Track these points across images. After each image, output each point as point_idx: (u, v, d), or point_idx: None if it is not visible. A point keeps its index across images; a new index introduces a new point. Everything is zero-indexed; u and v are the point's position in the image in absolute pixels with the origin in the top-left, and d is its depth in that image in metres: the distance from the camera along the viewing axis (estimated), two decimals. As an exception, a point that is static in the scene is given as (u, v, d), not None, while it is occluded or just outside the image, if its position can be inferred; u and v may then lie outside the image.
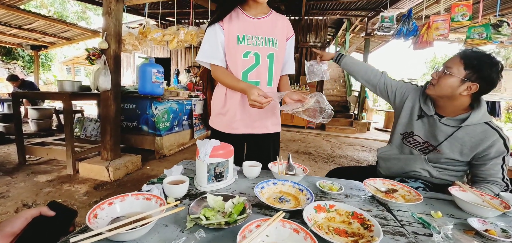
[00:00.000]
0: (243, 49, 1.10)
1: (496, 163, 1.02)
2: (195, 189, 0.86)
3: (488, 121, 1.03)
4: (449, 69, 1.01)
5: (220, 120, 1.20)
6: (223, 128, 1.19)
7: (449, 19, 2.18)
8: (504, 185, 1.03)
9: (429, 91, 1.09)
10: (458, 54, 1.02)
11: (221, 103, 1.18)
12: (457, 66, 1.00)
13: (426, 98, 1.15)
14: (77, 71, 15.40)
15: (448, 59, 1.07)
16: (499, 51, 11.90)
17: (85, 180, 2.57)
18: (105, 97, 2.66)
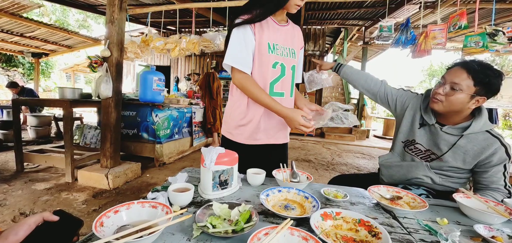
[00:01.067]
0: (273, 59, 1.05)
1: (498, 170, 1.03)
2: (200, 196, 0.85)
3: (489, 129, 1.04)
4: (458, 86, 0.99)
5: (241, 132, 1.11)
6: (245, 140, 1.12)
7: (446, 29, 2.23)
8: (507, 193, 1.03)
9: (437, 107, 1.06)
10: (464, 69, 1.00)
11: (242, 114, 1.10)
12: (465, 82, 0.98)
13: (426, 107, 1.16)
14: (77, 79, 15.44)
15: (451, 73, 1.03)
16: (494, 59, 12.09)
17: (84, 188, 2.54)
18: (106, 104, 2.67)
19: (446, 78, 1.04)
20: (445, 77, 1.05)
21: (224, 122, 1.19)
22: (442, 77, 1.07)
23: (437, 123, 1.11)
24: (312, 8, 5.82)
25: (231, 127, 1.14)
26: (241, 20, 0.99)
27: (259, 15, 0.99)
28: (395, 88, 1.32)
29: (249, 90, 1.01)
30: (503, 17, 4.37)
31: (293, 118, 0.97)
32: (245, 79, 1.02)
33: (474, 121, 1.04)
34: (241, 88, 1.05)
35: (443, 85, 1.04)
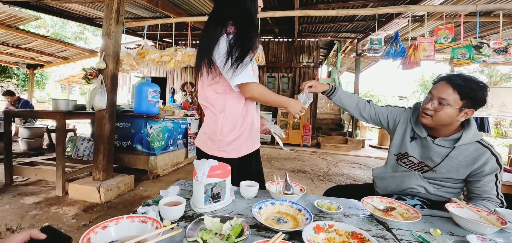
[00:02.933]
0: (255, 70, 1.14)
1: (490, 180, 1.04)
2: (192, 210, 0.84)
3: (479, 140, 1.06)
4: (445, 101, 1.02)
5: (235, 146, 1.11)
6: (236, 154, 1.12)
7: (434, 41, 2.31)
8: (499, 202, 1.05)
9: (426, 121, 1.08)
10: (448, 84, 1.03)
11: (237, 127, 1.10)
12: (452, 97, 1.01)
13: (416, 120, 1.18)
14: (72, 90, 15.33)
15: (437, 88, 1.06)
16: (483, 69, 12.44)
17: (75, 202, 2.48)
18: (100, 116, 2.64)
19: (433, 93, 1.07)
20: (432, 93, 1.07)
21: (212, 141, 1.11)
22: (430, 92, 1.10)
23: (428, 135, 1.13)
24: (305, 21, 5.96)
25: (223, 144, 1.09)
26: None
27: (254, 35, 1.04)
28: (383, 106, 1.34)
29: (267, 94, 1.08)
30: (488, 30, 4.55)
31: (295, 103, 1.11)
32: (258, 86, 1.06)
33: (464, 132, 1.06)
34: (261, 97, 1.08)
35: (431, 100, 1.06)
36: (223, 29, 1.00)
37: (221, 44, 0.99)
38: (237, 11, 1.04)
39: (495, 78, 12.58)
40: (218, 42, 0.99)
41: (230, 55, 0.98)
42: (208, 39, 1.03)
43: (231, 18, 1.03)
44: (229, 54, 0.98)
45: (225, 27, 1.01)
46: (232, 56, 0.98)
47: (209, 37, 1.03)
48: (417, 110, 1.18)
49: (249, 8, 1.05)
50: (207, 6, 4.65)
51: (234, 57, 0.98)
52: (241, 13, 1.03)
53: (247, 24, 1.03)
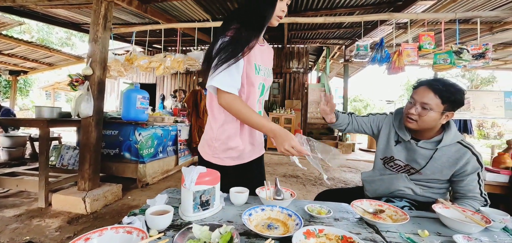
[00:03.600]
0: (259, 80, 1.04)
1: (472, 179, 1.08)
2: (180, 219, 0.82)
3: (460, 140, 1.11)
4: (428, 105, 1.06)
5: (230, 154, 1.06)
6: (233, 162, 1.08)
7: (417, 47, 2.42)
8: (483, 200, 1.08)
9: (412, 125, 1.12)
10: (430, 89, 1.07)
11: (231, 139, 1.04)
12: (434, 101, 1.06)
13: (399, 124, 1.22)
14: (57, 97, 14.87)
15: (419, 93, 1.10)
16: (464, 74, 12.99)
17: (58, 213, 2.38)
18: (86, 123, 2.57)
19: (416, 98, 1.11)
20: (414, 98, 1.12)
21: (208, 146, 1.07)
22: (412, 98, 1.14)
23: (412, 138, 1.17)
24: (294, 28, 6.05)
25: (218, 151, 1.05)
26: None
27: (254, 34, 0.96)
28: (364, 116, 1.39)
29: (238, 111, 0.93)
30: (467, 37, 4.78)
31: (286, 138, 0.88)
32: (234, 101, 0.93)
33: (445, 134, 1.11)
34: (229, 110, 0.95)
35: (414, 105, 1.10)
36: (226, 31, 0.95)
37: (216, 46, 0.94)
38: (247, 13, 0.96)
39: (475, 82, 13.15)
40: (216, 43, 0.95)
41: (217, 55, 0.91)
42: (213, 42, 0.98)
43: (238, 20, 0.97)
44: (216, 55, 0.92)
45: (228, 29, 0.95)
46: (219, 56, 0.91)
47: (214, 40, 0.98)
48: (400, 115, 1.23)
49: (262, 11, 0.95)
50: (197, 12, 4.64)
51: (220, 58, 0.91)
52: (250, 15, 0.95)
53: (249, 27, 0.95)
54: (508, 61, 6.23)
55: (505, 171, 2.02)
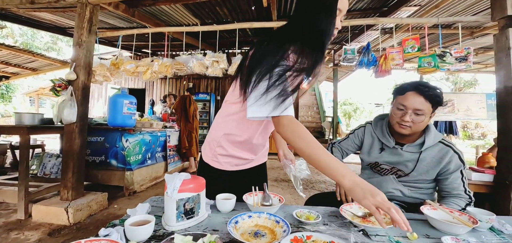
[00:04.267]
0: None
1: (456, 177, 1.11)
2: (163, 229, 0.78)
3: (441, 140, 1.15)
4: (421, 111, 1.08)
5: (228, 161, 1.03)
6: (229, 167, 1.04)
7: (402, 51, 2.49)
8: (468, 198, 1.11)
9: (406, 131, 1.13)
10: (419, 94, 1.08)
11: (237, 149, 1.00)
12: (426, 106, 1.08)
13: (382, 131, 1.24)
14: (42, 103, 14.36)
15: (409, 100, 1.10)
16: (448, 77, 13.46)
17: (39, 225, 2.26)
18: (70, 130, 2.47)
19: (407, 105, 1.10)
20: (405, 105, 1.11)
21: (210, 148, 1.03)
22: (401, 105, 1.13)
23: (396, 144, 1.20)
24: (285, 32, 6.11)
25: (219, 156, 1.01)
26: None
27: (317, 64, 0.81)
28: (345, 139, 1.44)
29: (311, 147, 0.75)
30: (450, 41, 4.98)
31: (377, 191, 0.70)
32: (299, 127, 0.77)
33: (426, 135, 1.14)
34: (294, 140, 0.76)
35: (406, 112, 1.10)
36: (281, 52, 0.80)
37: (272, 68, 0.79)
38: (305, 33, 0.81)
39: (459, 85, 13.65)
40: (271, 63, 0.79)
41: (275, 80, 0.77)
42: (259, 56, 0.82)
43: (294, 42, 0.82)
44: (274, 79, 0.77)
45: (284, 51, 0.81)
46: (279, 83, 0.77)
47: (261, 54, 0.82)
48: (380, 122, 1.27)
49: (323, 30, 0.81)
50: (186, 17, 4.60)
51: (280, 85, 0.77)
52: (309, 36, 0.81)
53: (311, 51, 0.80)
54: (488, 65, 6.49)
55: (489, 170, 2.07)
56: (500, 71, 1.93)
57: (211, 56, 2.89)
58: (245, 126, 0.96)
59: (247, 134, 0.98)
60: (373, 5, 4.04)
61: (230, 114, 0.97)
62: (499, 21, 1.97)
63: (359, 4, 4.00)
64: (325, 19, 0.80)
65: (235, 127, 0.97)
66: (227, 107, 0.99)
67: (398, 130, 1.15)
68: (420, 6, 3.81)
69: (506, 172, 1.86)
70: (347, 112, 18.98)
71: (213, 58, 2.88)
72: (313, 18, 0.81)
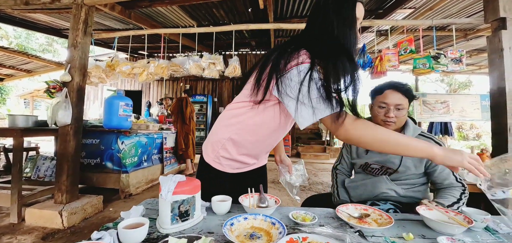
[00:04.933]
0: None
1: (443, 167, 1.14)
2: (157, 232, 0.76)
3: (420, 133, 1.20)
4: (401, 106, 1.17)
5: (229, 164, 1.00)
6: (230, 170, 1.02)
7: (397, 53, 2.53)
8: (460, 185, 1.13)
9: (392, 127, 1.19)
10: (398, 91, 1.18)
11: (241, 153, 0.98)
12: (404, 101, 1.18)
13: None
14: (37, 105, 14.20)
15: (389, 97, 1.18)
16: (443, 78, 13.61)
17: (32, 229, 2.22)
18: (64, 132, 2.44)
19: (388, 102, 1.18)
20: (387, 102, 1.19)
21: (212, 149, 0.99)
22: (383, 102, 1.20)
23: None
24: (281, 35, 6.13)
25: (221, 158, 0.99)
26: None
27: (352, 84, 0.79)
28: (340, 159, 1.49)
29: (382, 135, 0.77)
30: (444, 43, 5.04)
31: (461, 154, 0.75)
32: (362, 123, 0.78)
33: (406, 130, 1.20)
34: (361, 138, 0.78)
35: (389, 109, 1.18)
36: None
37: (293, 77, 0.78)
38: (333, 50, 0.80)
39: (454, 86, 13.80)
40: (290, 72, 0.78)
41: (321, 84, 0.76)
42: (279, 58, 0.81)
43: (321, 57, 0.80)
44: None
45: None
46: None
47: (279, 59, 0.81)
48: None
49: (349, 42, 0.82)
50: (182, 18, 4.60)
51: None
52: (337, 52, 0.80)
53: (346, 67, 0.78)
54: (482, 66, 6.58)
55: (484, 171, 2.09)
56: (493, 73, 1.96)
57: (208, 58, 2.88)
58: (253, 130, 0.93)
59: (255, 138, 0.95)
60: (368, 7, 4.08)
61: (239, 116, 0.94)
62: (491, 23, 2.00)
63: (355, 6, 4.04)
64: (349, 31, 0.81)
65: (243, 130, 0.94)
66: (236, 110, 0.96)
67: (385, 127, 1.19)
68: (415, 9, 3.85)
69: (500, 172, 1.88)
70: (344, 113, 19.04)
71: (209, 59, 2.87)
72: (338, 32, 0.81)
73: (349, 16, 0.82)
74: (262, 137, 0.96)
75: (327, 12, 0.83)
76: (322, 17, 0.84)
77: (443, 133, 5.09)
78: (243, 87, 0.96)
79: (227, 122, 0.97)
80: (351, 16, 0.82)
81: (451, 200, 1.10)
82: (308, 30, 0.89)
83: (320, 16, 0.85)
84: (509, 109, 1.85)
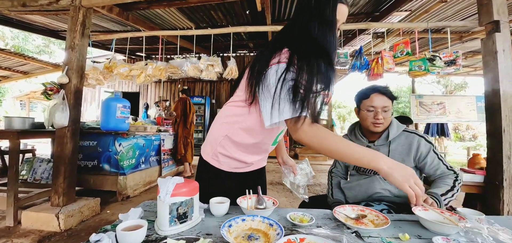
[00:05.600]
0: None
1: (432, 157, 1.18)
2: (156, 234, 0.77)
3: (404, 129, 1.26)
4: (387, 107, 1.25)
5: (226, 161, 1.01)
6: (227, 168, 1.03)
7: (392, 55, 2.57)
8: (452, 173, 1.17)
9: (379, 129, 1.27)
10: (382, 94, 1.25)
11: (239, 153, 1.00)
12: (389, 103, 1.26)
13: (356, 135, 1.37)
14: (33, 107, 14.11)
15: (376, 100, 1.26)
16: (439, 80, 13.75)
17: (28, 232, 2.20)
18: (61, 134, 2.43)
19: (376, 105, 1.26)
20: (374, 105, 1.26)
21: (211, 147, 1.01)
22: (371, 106, 1.27)
23: (369, 142, 1.32)
24: (280, 36, 6.16)
25: (219, 155, 1.00)
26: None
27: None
28: (334, 163, 1.54)
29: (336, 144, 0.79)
30: (439, 45, 5.10)
31: (407, 173, 0.76)
32: (321, 130, 0.80)
33: (390, 129, 1.26)
34: (312, 142, 0.80)
35: (377, 112, 1.25)
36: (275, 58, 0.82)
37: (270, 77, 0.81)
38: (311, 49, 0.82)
39: (450, 88, 13.94)
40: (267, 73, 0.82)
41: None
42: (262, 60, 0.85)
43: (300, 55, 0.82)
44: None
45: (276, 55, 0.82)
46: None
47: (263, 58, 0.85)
48: (354, 128, 1.41)
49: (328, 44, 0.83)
50: (181, 21, 4.61)
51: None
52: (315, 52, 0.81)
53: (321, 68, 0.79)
54: (477, 68, 6.66)
55: (480, 171, 2.11)
56: (488, 74, 1.99)
57: (206, 60, 2.89)
58: (248, 128, 0.95)
59: (250, 136, 0.97)
60: (365, 10, 4.12)
61: (234, 115, 0.96)
62: (486, 26, 2.03)
63: (351, 9, 4.08)
64: (328, 33, 0.82)
65: (238, 129, 0.96)
66: (231, 108, 0.98)
67: (374, 130, 1.28)
68: (411, 11, 3.90)
69: (496, 173, 1.90)
70: (341, 114, 19.17)
71: (208, 61, 2.88)
72: (317, 32, 0.82)
73: (329, 17, 0.83)
74: (257, 135, 0.97)
75: (308, 12, 0.84)
76: (302, 17, 0.85)
77: (440, 134, 5.14)
78: (237, 87, 0.98)
79: (224, 120, 0.99)
80: (331, 17, 0.83)
81: (445, 188, 1.13)
82: (291, 29, 0.90)
83: (301, 16, 0.86)
84: (503, 111, 1.87)
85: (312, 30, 0.83)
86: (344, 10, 0.87)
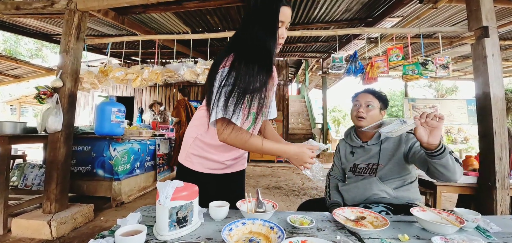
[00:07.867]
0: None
1: (414, 140, 1.22)
2: (155, 239, 0.76)
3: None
4: (370, 103, 1.33)
5: (200, 162, 1.06)
6: (200, 169, 1.06)
7: (387, 59, 2.62)
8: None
9: (363, 122, 1.32)
10: (369, 93, 1.35)
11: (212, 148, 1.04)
12: (375, 101, 1.33)
13: (350, 137, 1.43)
14: (24, 111, 13.77)
15: (362, 98, 1.36)
16: (431, 84, 14.03)
17: (19, 240, 2.13)
18: (54, 139, 2.38)
19: (360, 101, 1.36)
20: (359, 100, 1.36)
21: (184, 150, 1.08)
22: (357, 101, 1.38)
23: (362, 142, 1.37)
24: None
25: (191, 156, 1.06)
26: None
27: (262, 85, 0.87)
28: (333, 164, 1.57)
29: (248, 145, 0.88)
30: (431, 50, 5.23)
31: (301, 154, 0.88)
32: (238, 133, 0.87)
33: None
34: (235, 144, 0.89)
35: (360, 105, 1.35)
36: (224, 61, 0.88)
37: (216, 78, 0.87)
38: (250, 49, 0.87)
39: (441, 91, 14.24)
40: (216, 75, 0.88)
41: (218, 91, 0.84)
42: (216, 64, 0.92)
43: (239, 55, 0.88)
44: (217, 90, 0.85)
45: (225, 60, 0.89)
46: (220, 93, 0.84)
47: (216, 63, 0.92)
48: (348, 130, 1.48)
49: (265, 46, 0.87)
50: (177, 25, 4.60)
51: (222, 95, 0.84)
52: (253, 52, 0.87)
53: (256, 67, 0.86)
54: (467, 72, 6.83)
55: (472, 172, 2.15)
56: (478, 78, 2.04)
57: (202, 64, 2.89)
58: (213, 129, 0.96)
59: (215, 137, 0.98)
60: (359, 16, 4.19)
61: (201, 117, 1.04)
62: (475, 31, 2.09)
63: (345, 14, 4.15)
64: (268, 36, 0.86)
65: (205, 130, 1.02)
66: (200, 111, 1.08)
67: (357, 123, 1.35)
68: (403, 17, 3.99)
69: (488, 174, 1.94)
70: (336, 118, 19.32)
71: (204, 65, 2.88)
72: (257, 33, 0.86)
73: (270, 20, 0.86)
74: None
75: (253, 15, 0.88)
76: (247, 21, 0.89)
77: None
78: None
79: (193, 123, 1.09)
80: (272, 20, 0.86)
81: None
82: (239, 34, 0.94)
83: (246, 20, 0.90)
84: (494, 114, 1.92)
85: (254, 33, 0.86)
86: (287, 12, 0.90)
